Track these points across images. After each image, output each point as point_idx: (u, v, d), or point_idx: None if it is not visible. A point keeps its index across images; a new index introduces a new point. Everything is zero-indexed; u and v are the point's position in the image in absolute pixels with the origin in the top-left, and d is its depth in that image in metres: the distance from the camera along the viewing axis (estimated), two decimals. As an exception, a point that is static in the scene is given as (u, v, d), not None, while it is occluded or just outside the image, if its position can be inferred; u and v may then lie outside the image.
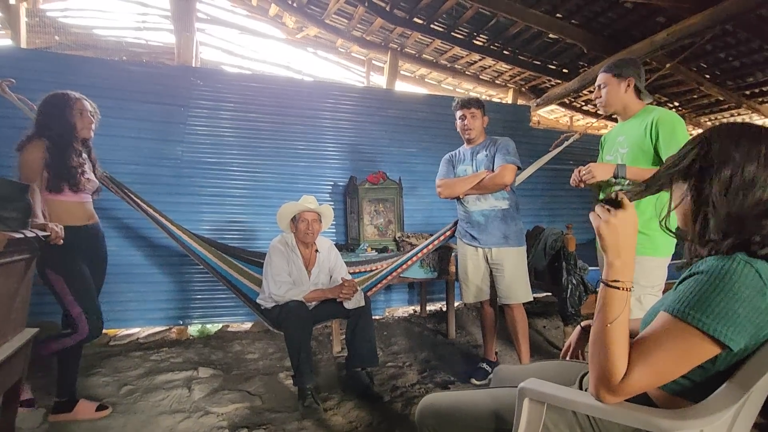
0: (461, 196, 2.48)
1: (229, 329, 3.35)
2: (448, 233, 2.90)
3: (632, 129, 1.91)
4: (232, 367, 2.64)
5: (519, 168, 2.42)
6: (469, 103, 2.46)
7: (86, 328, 1.89)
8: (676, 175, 0.87)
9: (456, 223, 2.71)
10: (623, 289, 0.81)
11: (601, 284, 0.84)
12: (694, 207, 0.83)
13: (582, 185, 1.91)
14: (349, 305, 2.35)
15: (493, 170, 2.39)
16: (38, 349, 1.79)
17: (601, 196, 2.01)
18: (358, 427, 2.01)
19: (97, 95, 2.92)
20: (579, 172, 1.90)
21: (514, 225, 2.44)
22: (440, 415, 1.11)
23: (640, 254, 1.77)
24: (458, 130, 2.53)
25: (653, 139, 1.79)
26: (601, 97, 1.99)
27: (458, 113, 2.49)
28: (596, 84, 2.01)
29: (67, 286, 1.87)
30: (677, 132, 1.75)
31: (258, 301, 2.47)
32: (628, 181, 1.80)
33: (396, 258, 2.95)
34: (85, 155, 2.07)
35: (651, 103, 1.99)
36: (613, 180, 1.85)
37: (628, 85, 1.92)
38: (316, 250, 2.51)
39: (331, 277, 2.53)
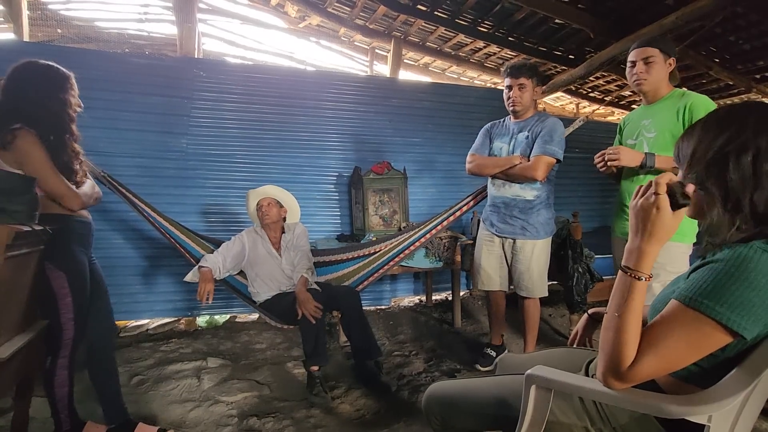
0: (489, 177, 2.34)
1: (237, 320, 3.38)
2: (458, 213, 2.79)
3: (660, 113, 1.83)
4: (240, 357, 2.67)
5: (558, 161, 2.19)
6: (519, 71, 2.16)
7: (71, 334, 1.58)
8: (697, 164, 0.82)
9: (466, 203, 2.67)
10: (645, 278, 0.80)
11: (621, 270, 0.82)
12: (723, 193, 0.79)
13: (611, 169, 1.85)
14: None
15: (528, 157, 2.18)
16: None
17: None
18: (366, 415, 2.03)
19: (100, 88, 2.94)
20: (603, 154, 1.83)
21: (539, 217, 2.25)
22: (446, 402, 1.12)
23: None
24: (504, 101, 2.28)
25: (685, 124, 1.74)
26: (644, 72, 1.81)
27: (506, 81, 2.22)
28: (639, 57, 1.82)
29: (68, 286, 1.57)
30: None
31: (249, 291, 2.55)
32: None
33: (401, 238, 2.84)
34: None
35: (678, 86, 1.91)
36: (639, 169, 1.81)
37: (670, 65, 1.83)
38: (283, 232, 2.59)
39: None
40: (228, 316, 3.39)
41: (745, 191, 0.77)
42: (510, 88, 2.21)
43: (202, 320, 3.31)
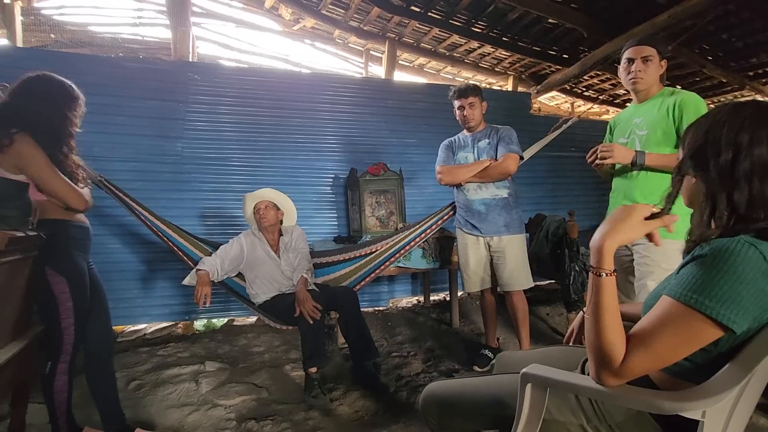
0: (462, 184, 2.47)
1: (234, 323, 3.37)
2: (445, 217, 2.89)
3: (651, 111, 1.85)
4: (238, 360, 2.66)
5: (521, 158, 2.43)
6: (466, 93, 2.43)
7: (71, 339, 1.57)
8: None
9: (452, 206, 2.69)
10: (607, 274, 0.81)
11: (591, 271, 0.84)
12: (704, 189, 0.81)
13: (598, 163, 1.86)
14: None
15: (496, 159, 2.39)
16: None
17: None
18: (364, 417, 2.03)
19: (94, 93, 2.90)
20: (597, 149, 1.85)
21: (515, 213, 2.46)
22: (443, 403, 1.12)
23: (662, 238, 1.74)
24: (457, 119, 2.51)
25: (676, 120, 1.75)
26: (643, 70, 1.82)
27: (456, 103, 2.47)
28: (638, 55, 1.82)
29: (69, 291, 1.55)
30: (701, 114, 1.73)
31: (248, 293, 2.54)
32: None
33: (397, 238, 2.88)
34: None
35: (669, 85, 1.94)
36: (630, 166, 1.83)
37: (662, 66, 1.87)
38: (281, 234, 2.60)
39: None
40: (226, 320, 3.38)
41: (723, 189, 0.78)
42: (462, 108, 2.45)
43: (199, 324, 3.31)
